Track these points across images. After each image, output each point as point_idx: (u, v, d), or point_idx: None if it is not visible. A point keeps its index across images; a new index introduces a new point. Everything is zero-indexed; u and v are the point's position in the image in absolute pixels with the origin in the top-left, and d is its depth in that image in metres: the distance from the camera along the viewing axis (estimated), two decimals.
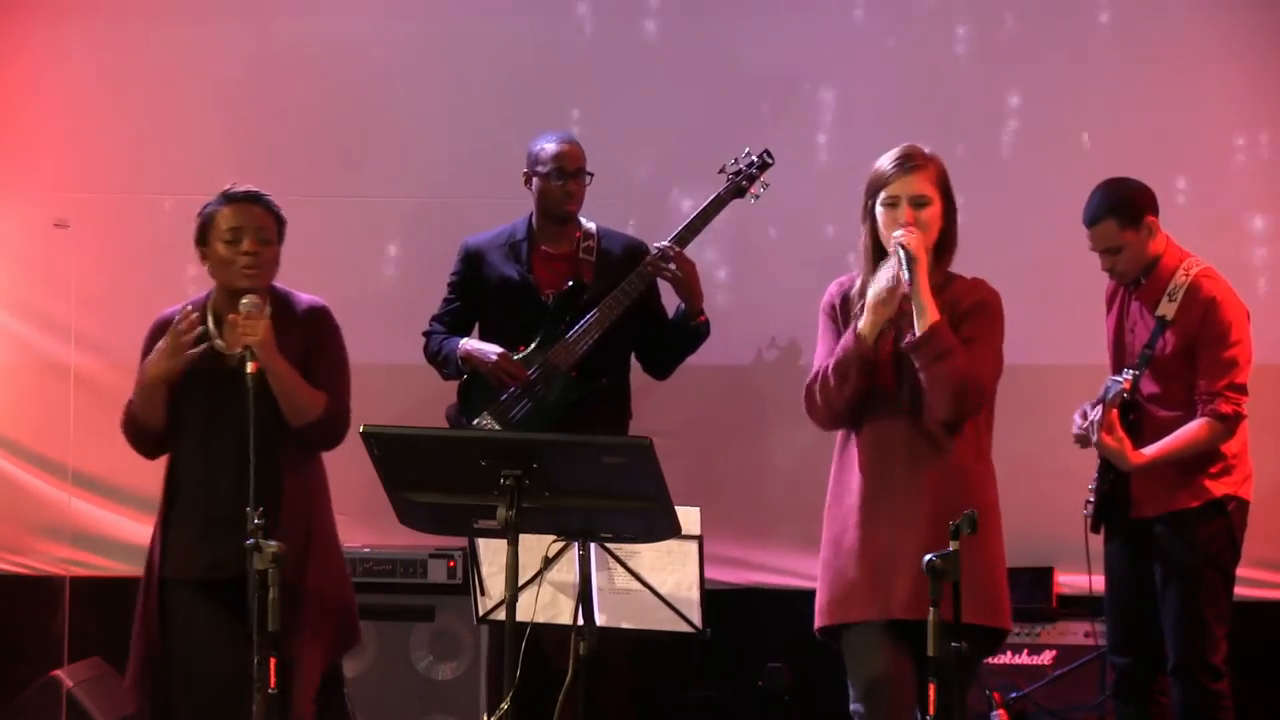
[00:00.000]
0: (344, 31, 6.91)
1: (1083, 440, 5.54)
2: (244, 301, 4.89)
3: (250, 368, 4.82)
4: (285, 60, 6.91)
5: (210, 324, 5.05)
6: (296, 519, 4.96)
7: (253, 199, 5.03)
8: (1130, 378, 5.41)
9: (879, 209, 4.53)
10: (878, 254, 4.54)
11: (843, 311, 4.62)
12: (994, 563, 4.51)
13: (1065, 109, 6.67)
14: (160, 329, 5.07)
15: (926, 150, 4.57)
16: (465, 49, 6.87)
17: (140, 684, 5.01)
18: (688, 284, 6.05)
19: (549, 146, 6.08)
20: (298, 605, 4.87)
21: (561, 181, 6.05)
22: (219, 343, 5.02)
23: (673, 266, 6.01)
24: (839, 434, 4.62)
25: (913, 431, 4.50)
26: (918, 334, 4.43)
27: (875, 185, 4.54)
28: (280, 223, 5.06)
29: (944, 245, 4.55)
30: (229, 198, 5.03)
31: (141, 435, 5.08)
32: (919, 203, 4.50)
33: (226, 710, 4.71)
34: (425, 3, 6.94)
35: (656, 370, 6.28)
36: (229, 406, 4.91)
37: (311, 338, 5.06)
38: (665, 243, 6.03)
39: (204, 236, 5.03)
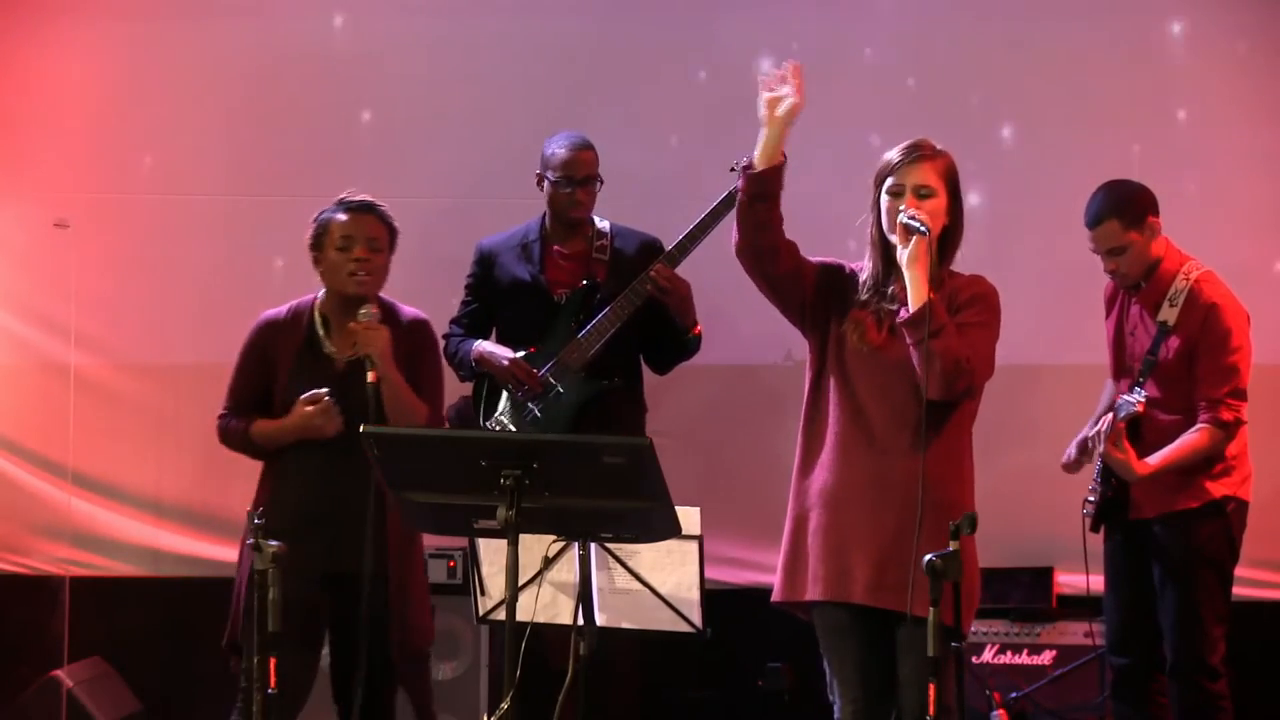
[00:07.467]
0: (351, 30, 6.91)
1: (1071, 468, 5.57)
2: (362, 312, 4.99)
3: (370, 377, 4.92)
4: (290, 59, 6.90)
5: (319, 327, 5.13)
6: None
7: (367, 208, 5.13)
8: (1144, 399, 5.38)
9: (883, 198, 4.47)
10: (884, 246, 4.49)
11: (839, 281, 4.57)
12: None
13: (1065, 110, 6.67)
14: (263, 332, 5.16)
15: (937, 144, 4.50)
16: (479, 48, 6.86)
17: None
18: (679, 306, 6.00)
19: (559, 152, 6.04)
20: (407, 600, 5.04)
21: (570, 189, 6.03)
22: (329, 347, 5.11)
23: (664, 286, 5.93)
24: (805, 409, 4.57)
25: (887, 421, 4.44)
26: (911, 310, 4.37)
27: (881, 174, 4.49)
28: (392, 233, 5.15)
29: (947, 242, 4.48)
30: (345, 206, 5.13)
31: (255, 456, 5.17)
32: (923, 193, 4.44)
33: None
34: (439, 2, 6.93)
35: (655, 367, 6.25)
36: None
37: (415, 350, 5.14)
38: (659, 264, 5.95)
39: (319, 242, 5.13)
